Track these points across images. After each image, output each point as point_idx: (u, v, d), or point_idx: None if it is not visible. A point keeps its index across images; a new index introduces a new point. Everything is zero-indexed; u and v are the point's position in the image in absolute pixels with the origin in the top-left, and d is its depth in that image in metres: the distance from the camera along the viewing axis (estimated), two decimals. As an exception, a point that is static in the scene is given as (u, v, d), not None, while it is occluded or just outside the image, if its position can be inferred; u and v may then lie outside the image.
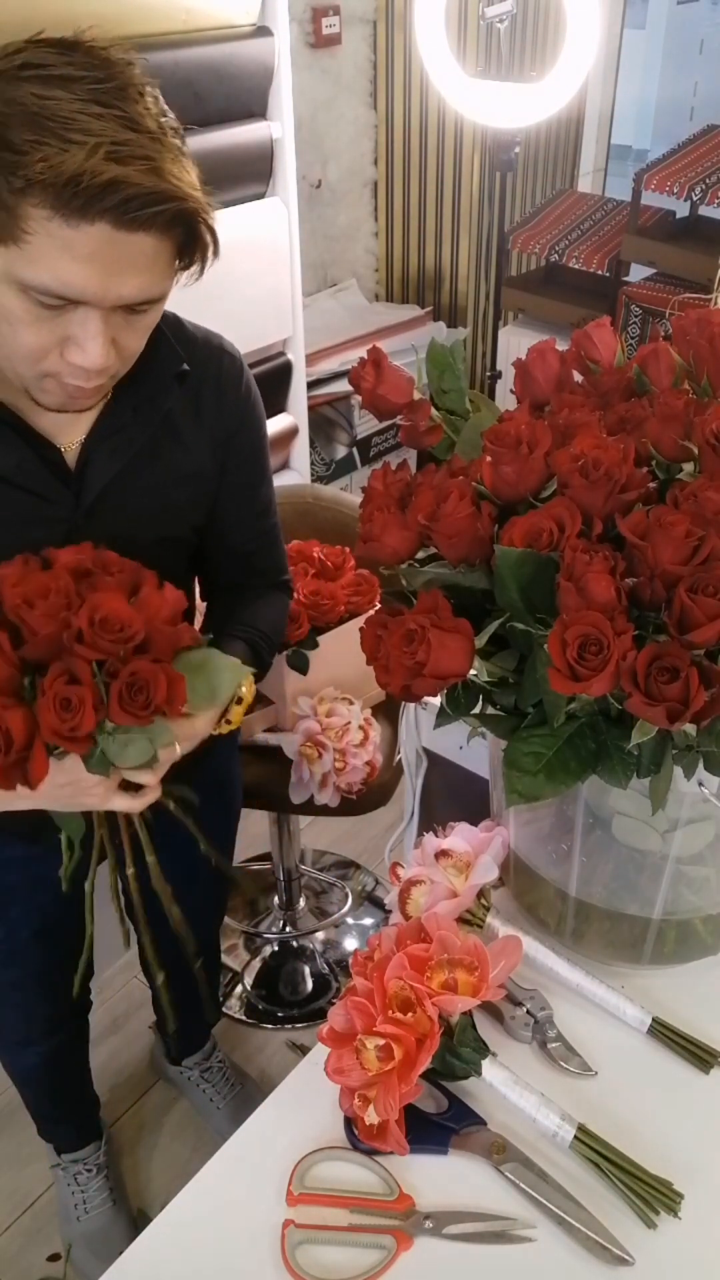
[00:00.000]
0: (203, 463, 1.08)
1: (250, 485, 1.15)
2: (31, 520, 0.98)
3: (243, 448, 1.12)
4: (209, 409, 1.07)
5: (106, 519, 1.02)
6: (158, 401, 1.02)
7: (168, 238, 0.83)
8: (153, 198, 0.78)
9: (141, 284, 0.83)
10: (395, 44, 3.07)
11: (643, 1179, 0.81)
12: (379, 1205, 0.81)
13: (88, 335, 0.84)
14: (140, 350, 0.92)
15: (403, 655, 0.77)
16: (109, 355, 0.86)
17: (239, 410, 1.10)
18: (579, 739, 0.77)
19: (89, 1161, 1.62)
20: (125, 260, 0.81)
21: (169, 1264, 0.80)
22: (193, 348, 1.05)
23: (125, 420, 1.00)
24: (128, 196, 0.77)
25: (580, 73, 2.22)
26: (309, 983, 2.04)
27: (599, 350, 0.91)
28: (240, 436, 1.11)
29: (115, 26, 1.77)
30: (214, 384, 1.07)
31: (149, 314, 0.88)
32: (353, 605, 1.63)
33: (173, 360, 1.02)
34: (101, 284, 0.81)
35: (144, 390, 1.00)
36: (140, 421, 1.01)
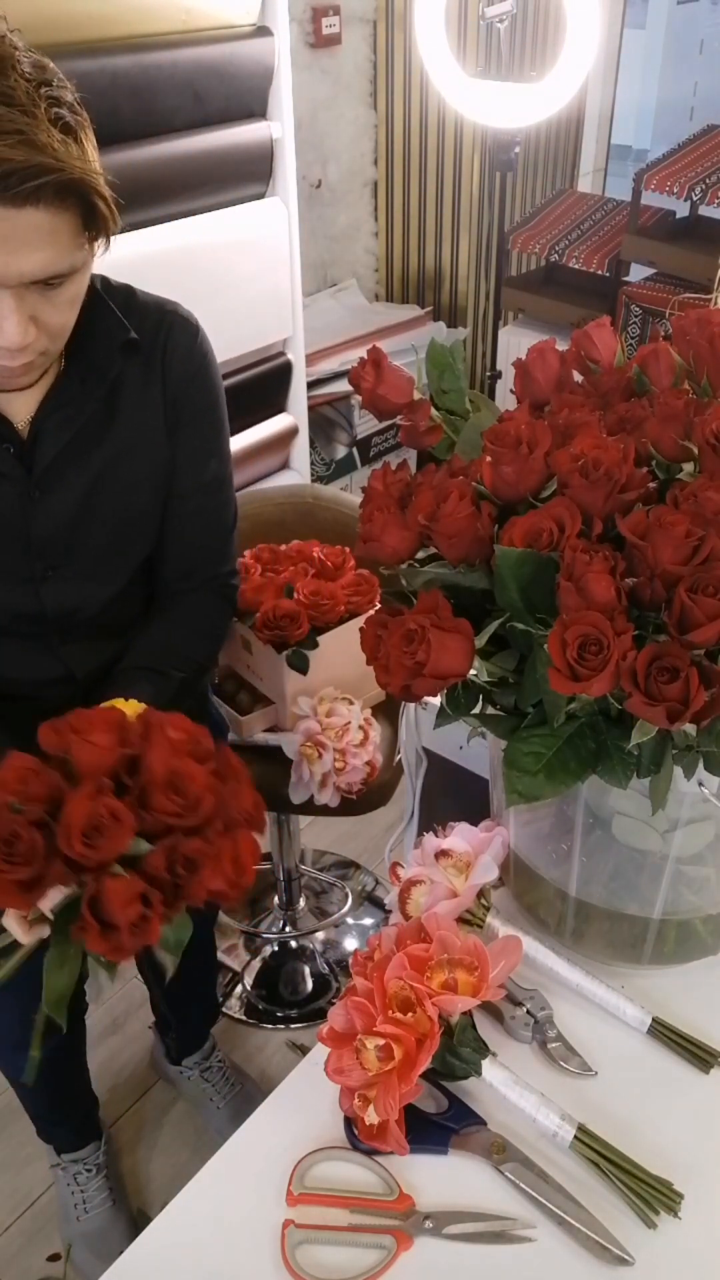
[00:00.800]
0: (153, 428, 1.07)
1: (193, 454, 1.12)
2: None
3: (191, 409, 1.10)
4: (156, 372, 1.06)
5: (61, 491, 1.02)
6: (103, 371, 1.02)
7: (63, 211, 0.82)
8: (29, 171, 0.77)
9: (42, 259, 0.83)
10: (395, 44, 3.07)
11: (643, 1179, 0.81)
12: (379, 1205, 0.81)
13: (2, 315, 0.84)
14: (68, 324, 0.92)
15: (403, 655, 0.77)
16: (28, 332, 0.86)
17: (184, 370, 1.08)
18: (579, 739, 0.77)
19: (89, 1161, 1.62)
20: (19, 237, 0.80)
21: (169, 1264, 0.80)
22: (143, 317, 1.05)
23: (73, 392, 1.01)
24: (4, 172, 0.76)
25: (580, 73, 2.22)
26: (309, 983, 2.04)
27: (599, 350, 0.91)
28: (184, 397, 1.09)
29: (115, 26, 1.77)
30: (162, 348, 1.06)
31: (66, 288, 0.88)
32: (353, 605, 1.63)
33: (118, 331, 1.02)
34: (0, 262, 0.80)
35: (89, 361, 1.01)
36: (87, 393, 1.01)
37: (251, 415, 2.32)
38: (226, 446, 1.17)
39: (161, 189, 1.91)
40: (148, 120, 1.86)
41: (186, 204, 1.99)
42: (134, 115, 1.82)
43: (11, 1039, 1.43)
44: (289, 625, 1.55)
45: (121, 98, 1.78)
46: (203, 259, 2.02)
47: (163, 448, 1.09)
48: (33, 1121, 1.59)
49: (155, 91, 1.84)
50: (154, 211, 1.91)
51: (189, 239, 1.98)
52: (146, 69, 1.81)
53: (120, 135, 1.82)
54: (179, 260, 1.96)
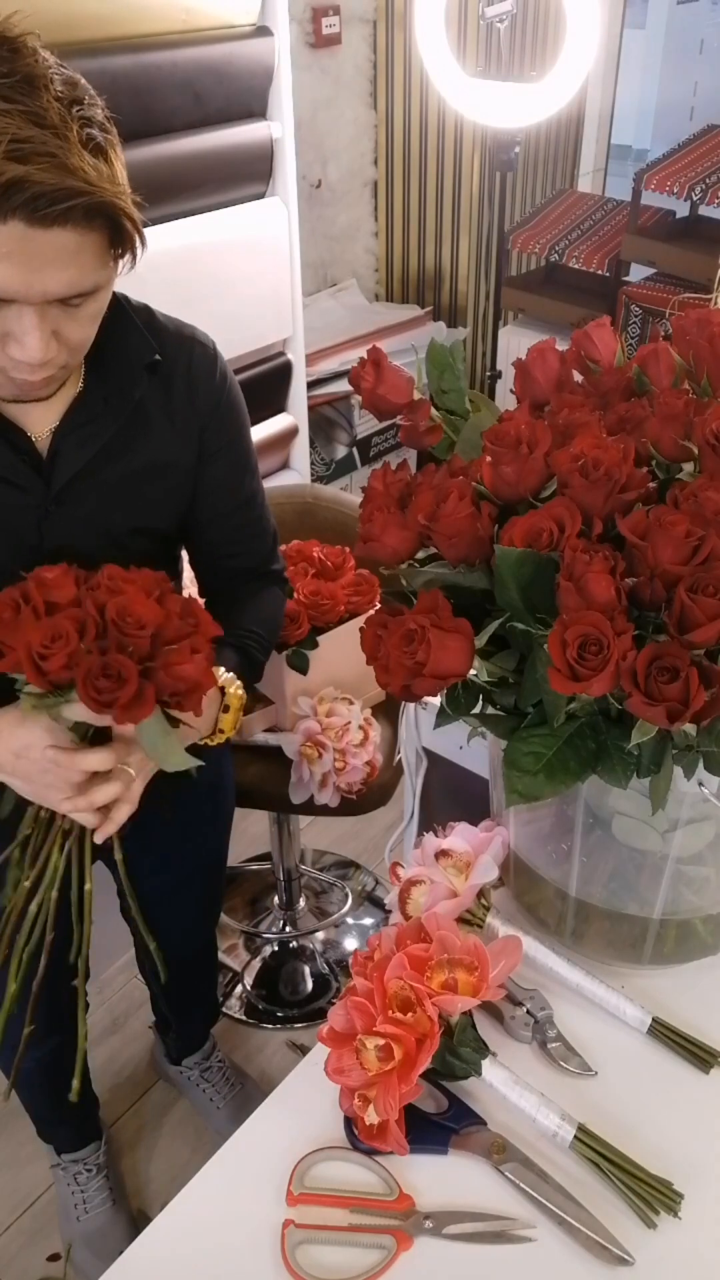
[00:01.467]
0: (177, 454, 1.07)
1: (229, 476, 1.14)
2: (3, 507, 0.99)
3: (218, 437, 1.11)
4: (180, 399, 1.06)
5: (78, 508, 1.02)
6: (127, 392, 1.02)
7: (90, 231, 0.82)
8: (59, 194, 0.78)
9: (68, 278, 0.83)
10: (395, 44, 3.07)
11: (643, 1179, 0.81)
12: (379, 1205, 0.81)
13: (24, 330, 0.84)
14: (89, 339, 0.92)
15: (403, 655, 0.77)
16: (50, 348, 0.87)
17: (211, 398, 1.09)
18: (579, 739, 0.77)
19: (89, 1161, 1.62)
20: (46, 256, 0.81)
21: (169, 1264, 0.80)
22: (163, 338, 1.05)
23: (96, 411, 1.01)
24: (34, 195, 0.77)
25: (580, 73, 2.22)
26: (309, 983, 2.04)
27: (599, 350, 0.91)
28: (215, 425, 1.10)
29: (115, 26, 1.77)
30: (185, 374, 1.06)
31: (88, 305, 0.88)
32: (353, 605, 1.63)
33: (144, 350, 1.02)
34: (24, 281, 0.81)
35: (114, 381, 1.01)
36: (110, 412, 1.01)
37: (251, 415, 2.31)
38: (255, 461, 1.19)
39: (161, 189, 1.91)
40: (148, 120, 1.86)
41: (186, 204, 1.99)
42: (134, 115, 1.82)
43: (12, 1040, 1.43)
44: (289, 625, 1.55)
45: (121, 98, 1.78)
46: (203, 259, 2.02)
47: (187, 472, 1.10)
48: (33, 1122, 1.59)
49: (155, 91, 1.84)
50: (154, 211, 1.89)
51: (189, 239, 1.98)
52: (146, 69, 1.81)
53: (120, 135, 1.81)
54: (179, 260, 1.96)
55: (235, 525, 1.18)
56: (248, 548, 1.22)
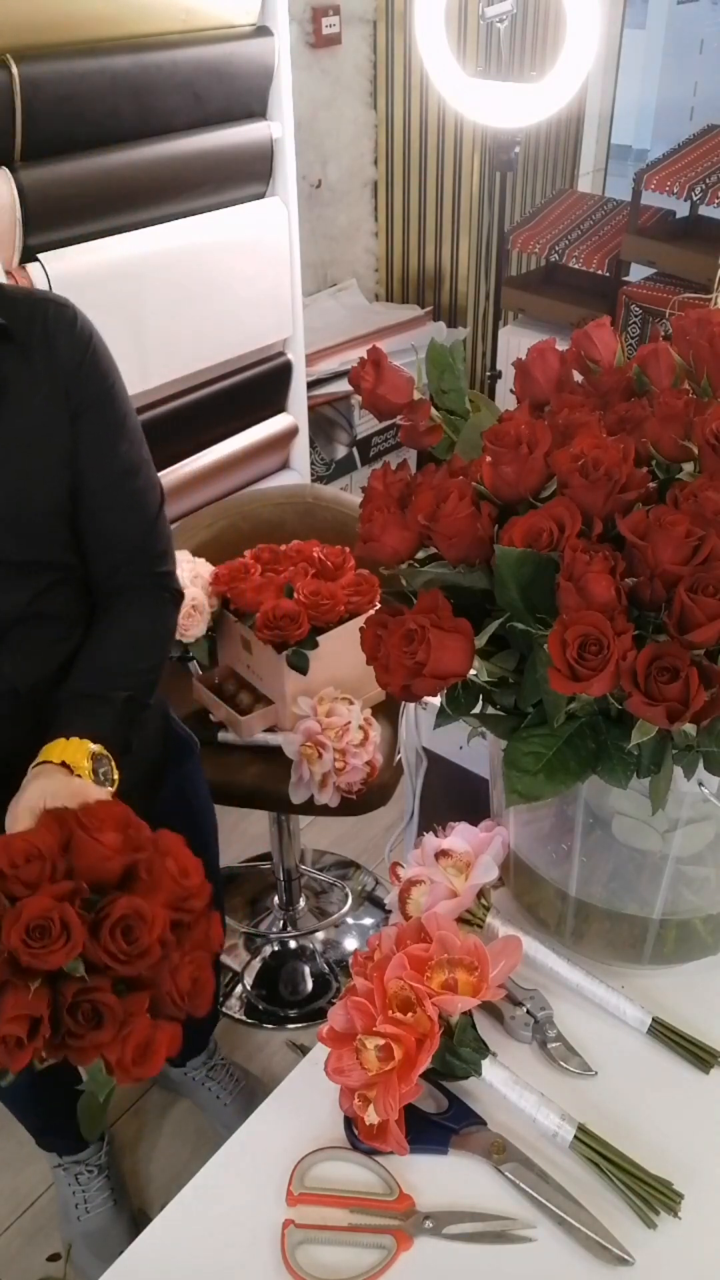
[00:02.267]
0: (49, 419, 1.02)
1: (103, 438, 1.07)
2: None
3: (87, 394, 1.05)
4: (40, 361, 1.01)
5: None
6: None
7: None
8: None
9: None
10: (395, 44, 3.07)
11: (643, 1179, 0.81)
12: (379, 1205, 0.81)
13: None
14: None
15: (403, 655, 0.77)
16: None
17: (74, 356, 1.03)
18: (579, 739, 0.77)
19: (91, 1162, 1.62)
20: None
21: (169, 1264, 0.80)
22: (14, 306, 1.00)
23: None
24: None
25: (580, 73, 2.22)
26: (309, 983, 2.04)
27: (599, 350, 0.91)
28: (81, 383, 1.04)
29: (115, 26, 1.77)
30: (41, 334, 1.01)
31: None
32: (353, 605, 1.63)
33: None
34: None
35: None
36: None
37: (251, 415, 2.32)
38: (135, 428, 1.11)
39: (161, 189, 1.91)
40: (148, 120, 1.86)
41: (186, 204, 1.99)
42: (134, 115, 1.82)
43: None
44: (289, 625, 1.55)
45: (121, 98, 1.78)
46: (203, 259, 2.02)
47: (62, 438, 1.04)
48: (31, 1135, 1.58)
49: (155, 91, 1.84)
50: (154, 211, 1.91)
51: (189, 239, 1.98)
52: (146, 69, 1.81)
53: (120, 135, 1.82)
54: (179, 260, 1.96)
55: (105, 503, 1.09)
56: (119, 530, 1.12)
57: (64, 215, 1.76)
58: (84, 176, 1.76)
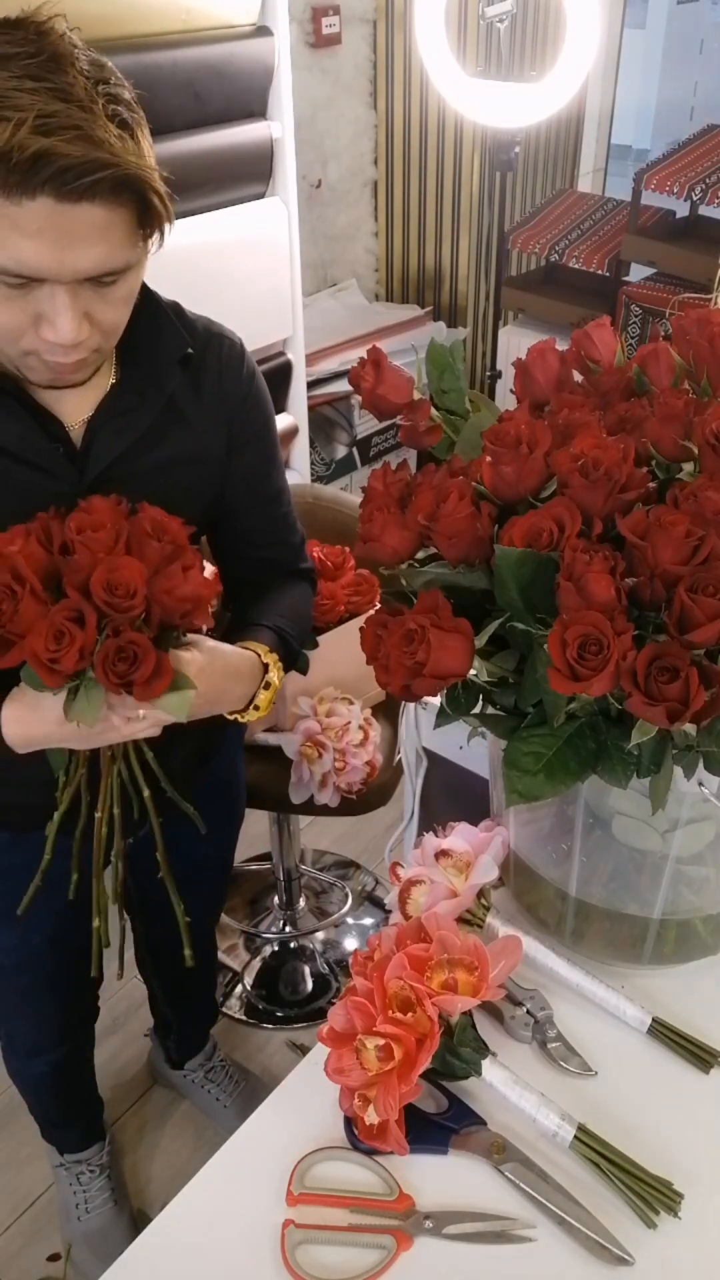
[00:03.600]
0: (208, 445, 1.08)
1: (259, 469, 1.15)
2: (35, 495, 0.99)
3: (249, 430, 1.12)
4: (210, 392, 1.07)
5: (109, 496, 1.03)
6: (162, 384, 1.03)
7: (118, 206, 0.82)
8: (87, 167, 0.78)
9: (98, 255, 0.83)
10: (395, 44, 3.07)
11: (643, 1179, 0.81)
12: (379, 1205, 0.81)
13: (56, 311, 0.84)
14: (121, 322, 0.92)
15: (403, 655, 0.77)
16: (82, 329, 0.87)
17: (242, 392, 1.10)
18: (579, 739, 0.77)
19: (92, 1162, 1.62)
20: (76, 232, 0.80)
21: (169, 1264, 0.80)
22: (193, 333, 1.06)
23: (131, 402, 1.01)
24: (61, 167, 0.77)
25: (580, 73, 2.22)
26: (309, 983, 2.04)
27: (599, 350, 0.91)
28: (245, 418, 1.11)
29: (115, 26, 1.77)
30: (215, 368, 1.07)
31: (119, 285, 0.88)
32: (353, 605, 1.63)
33: (178, 344, 1.03)
34: (55, 258, 0.81)
35: (148, 373, 1.02)
36: (146, 404, 1.02)
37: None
38: (281, 460, 1.20)
39: (161, 189, 1.91)
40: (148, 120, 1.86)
41: (186, 204, 1.99)
42: (134, 115, 1.82)
43: (26, 1045, 1.43)
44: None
45: (121, 98, 1.78)
46: (203, 259, 2.02)
47: (217, 465, 1.10)
48: (39, 1125, 1.59)
49: (155, 91, 1.83)
50: (154, 211, 1.92)
51: (189, 239, 1.98)
52: (146, 69, 1.81)
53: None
54: (179, 260, 1.95)
55: (263, 519, 1.19)
56: (276, 543, 1.22)
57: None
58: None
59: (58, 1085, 1.50)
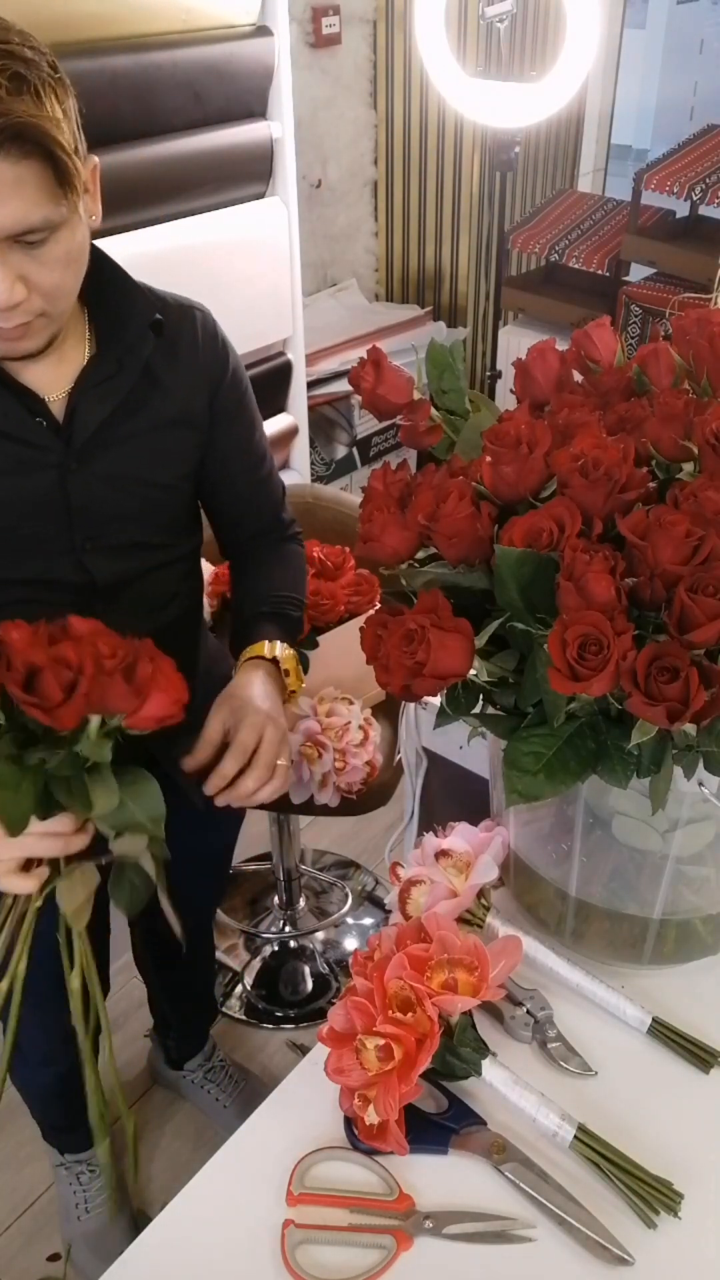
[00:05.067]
0: (189, 411, 1.11)
1: (243, 433, 1.19)
2: (23, 469, 1.01)
3: (230, 395, 1.15)
4: (186, 362, 1.10)
5: (98, 464, 1.05)
6: (138, 350, 1.05)
7: (24, 160, 0.82)
8: None
9: (11, 212, 0.83)
10: (395, 44, 3.07)
11: (643, 1179, 0.81)
12: (379, 1205, 0.81)
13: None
14: (62, 285, 0.93)
15: (403, 655, 0.77)
16: (16, 291, 0.87)
17: (219, 358, 1.14)
18: (579, 739, 0.77)
19: (92, 1162, 1.62)
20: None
21: (169, 1264, 0.80)
22: (163, 301, 1.09)
23: (110, 370, 1.04)
24: None
25: (580, 73, 2.22)
26: (309, 983, 2.04)
27: (599, 350, 0.91)
28: (226, 384, 1.15)
29: (115, 26, 1.77)
30: (190, 337, 1.11)
31: (50, 247, 0.88)
32: (353, 605, 1.63)
33: (147, 309, 1.06)
34: None
35: (125, 340, 1.04)
36: (124, 371, 1.05)
37: (251, 415, 2.32)
38: (260, 421, 1.25)
39: (161, 189, 1.91)
40: (148, 120, 1.86)
41: (186, 204, 1.99)
42: (134, 115, 1.82)
43: (36, 1055, 1.43)
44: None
45: (121, 98, 1.78)
46: (203, 259, 2.02)
47: (200, 432, 1.14)
48: (41, 1128, 1.58)
49: (155, 91, 1.84)
50: (154, 211, 1.91)
51: (189, 239, 1.98)
52: (146, 69, 1.80)
53: (120, 135, 1.81)
54: (179, 260, 1.96)
55: (251, 484, 1.23)
56: (264, 505, 1.27)
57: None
58: (84, 176, 1.76)
59: (65, 1094, 1.49)
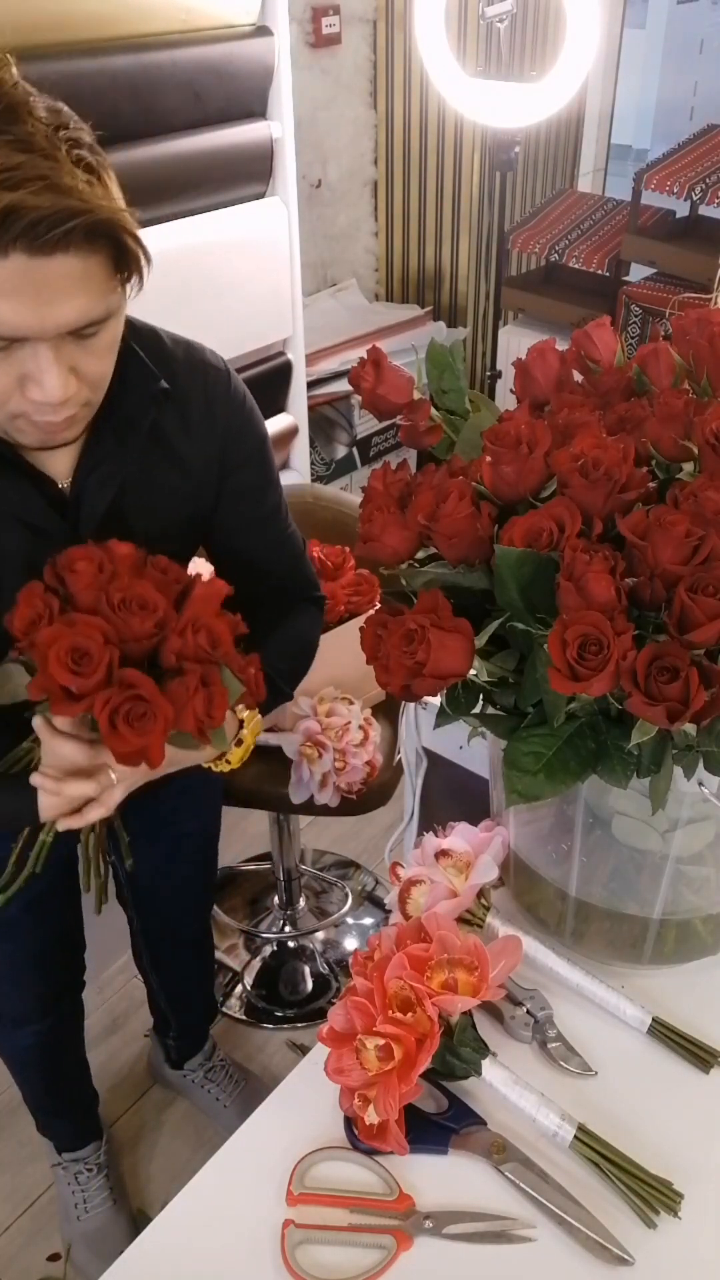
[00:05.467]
0: (200, 479, 1.06)
1: (253, 488, 1.13)
2: (34, 556, 0.96)
3: (240, 452, 1.10)
4: (199, 424, 1.05)
5: None
6: (138, 423, 1.00)
7: (93, 254, 0.80)
8: (57, 217, 0.75)
9: (78, 307, 0.81)
10: (395, 44, 3.07)
11: (643, 1179, 0.81)
12: (379, 1205, 0.81)
13: (41, 369, 0.82)
14: (107, 373, 0.90)
15: (403, 655, 0.77)
16: (69, 385, 0.84)
17: (229, 420, 1.08)
18: (579, 739, 0.77)
19: (90, 1161, 1.62)
20: (53, 286, 0.78)
21: (169, 1264, 0.80)
22: (174, 365, 1.03)
23: (109, 448, 0.99)
24: (31, 221, 0.74)
25: (580, 72, 2.22)
26: (309, 983, 2.04)
27: (599, 350, 0.91)
28: (236, 443, 1.09)
29: (115, 26, 1.77)
30: (201, 398, 1.05)
31: (102, 335, 0.86)
32: (353, 605, 1.63)
33: (148, 380, 0.99)
34: (35, 314, 0.79)
35: (122, 414, 0.98)
36: (125, 447, 0.99)
37: (251, 415, 2.32)
38: (278, 479, 1.18)
39: (161, 189, 1.91)
40: (148, 120, 1.86)
41: (186, 204, 1.99)
42: (134, 115, 1.82)
43: (11, 1015, 1.43)
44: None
45: (121, 98, 1.78)
46: (203, 259, 2.02)
47: (207, 496, 1.09)
48: (33, 1114, 1.59)
49: (155, 91, 1.84)
50: (154, 211, 1.91)
51: (189, 239, 1.98)
52: (146, 69, 1.80)
53: (120, 135, 1.81)
54: (179, 260, 1.96)
55: (270, 539, 1.17)
56: (288, 565, 1.20)
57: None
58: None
59: (45, 1060, 1.49)
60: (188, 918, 1.57)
